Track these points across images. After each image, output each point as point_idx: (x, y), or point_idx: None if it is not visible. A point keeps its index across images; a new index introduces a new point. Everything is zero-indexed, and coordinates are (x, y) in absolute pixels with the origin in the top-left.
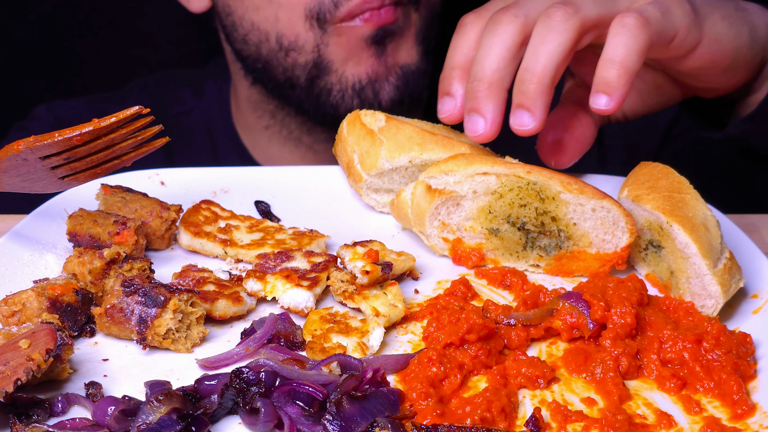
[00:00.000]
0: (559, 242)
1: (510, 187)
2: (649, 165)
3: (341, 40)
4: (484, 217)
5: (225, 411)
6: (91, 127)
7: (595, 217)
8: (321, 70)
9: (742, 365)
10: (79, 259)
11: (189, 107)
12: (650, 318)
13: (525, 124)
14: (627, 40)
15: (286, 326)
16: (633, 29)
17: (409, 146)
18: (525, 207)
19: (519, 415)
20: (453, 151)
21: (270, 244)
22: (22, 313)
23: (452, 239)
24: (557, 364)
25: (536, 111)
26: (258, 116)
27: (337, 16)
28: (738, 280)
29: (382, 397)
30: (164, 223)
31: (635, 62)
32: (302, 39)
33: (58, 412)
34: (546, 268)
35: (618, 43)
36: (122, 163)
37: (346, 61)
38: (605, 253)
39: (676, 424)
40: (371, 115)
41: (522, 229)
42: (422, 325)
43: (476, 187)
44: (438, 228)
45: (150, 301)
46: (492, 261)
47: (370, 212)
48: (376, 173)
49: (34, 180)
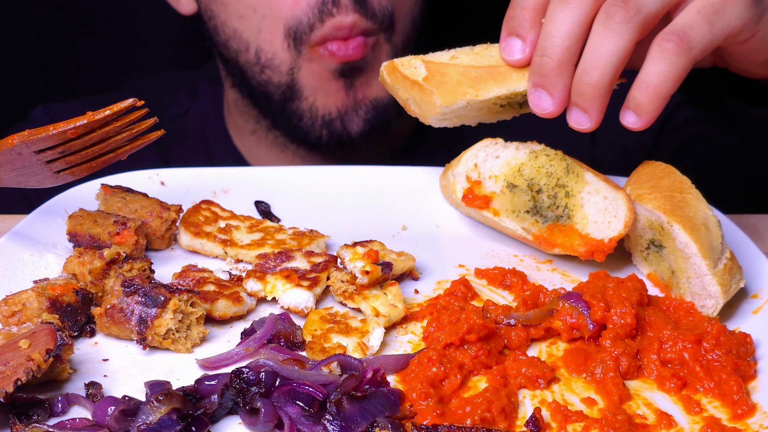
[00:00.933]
0: (558, 216)
1: (547, 152)
2: (651, 164)
3: (312, 66)
4: (513, 172)
5: (225, 411)
6: (85, 120)
7: (604, 203)
8: (294, 93)
9: (742, 365)
10: (79, 259)
11: (185, 109)
12: (650, 318)
13: (582, 123)
14: (663, 67)
15: (286, 326)
16: (672, 56)
17: (462, 90)
18: (549, 176)
19: (519, 415)
20: (506, 84)
21: (270, 244)
22: (22, 313)
23: (473, 180)
24: (557, 364)
25: (593, 113)
26: (245, 120)
27: (312, 38)
28: (738, 280)
29: (382, 397)
30: (164, 223)
31: (669, 89)
32: (278, 58)
33: (58, 412)
34: (534, 235)
35: (654, 69)
36: (117, 157)
37: (316, 90)
38: (593, 238)
39: (676, 424)
40: (408, 64)
41: (537, 194)
42: (422, 325)
43: (520, 145)
44: (469, 169)
45: (150, 301)
46: (493, 211)
47: (370, 212)
48: (438, 118)
49: (29, 174)
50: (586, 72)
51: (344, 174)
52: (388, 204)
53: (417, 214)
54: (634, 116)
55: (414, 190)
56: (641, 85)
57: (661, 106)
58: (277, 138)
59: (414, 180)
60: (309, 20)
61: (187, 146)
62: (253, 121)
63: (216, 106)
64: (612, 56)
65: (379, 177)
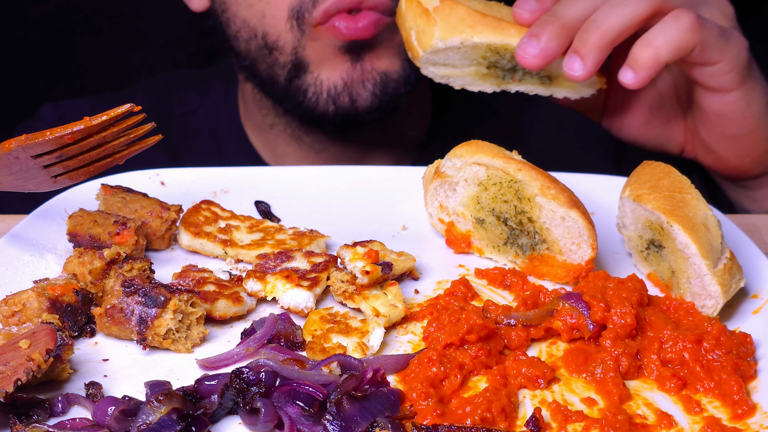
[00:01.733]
0: (533, 243)
1: (494, 181)
2: (651, 164)
3: (316, 45)
4: (473, 206)
5: (225, 411)
6: (82, 126)
7: (564, 225)
8: (299, 69)
9: (743, 365)
10: (79, 259)
11: (194, 107)
12: (650, 318)
13: (575, 69)
14: (671, 32)
15: (286, 326)
16: (682, 25)
17: (461, 28)
18: (506, 203)
19: (519, 415)
20: (502, 35)
21: (270, 245)
22: (22, 313)
23: (447, 222)
24: (557, 365)
25: (588, 61)
26: (264, 114)
27: (315, 17)
28: (738, 280)
29: (382, 397)
30: (164, 224)
31: (668, 53)
32: (282, 39)
33: (58, 412)
34: (521, 266)
35: (662, 30)
36: (115, 161)
37: (320, 64)
38: (571, 263)
39: (676, 424)
40: None
41: (505, 224)
42: (422, 325)
43: (467, 175)
44: (437, 209)
45: (150, 302)
46: (477, 250)
47: (370, 212)
48: (431, 51)
49: (27, 178)
50: (595, 21)
51: (344, 174)
52: (388, 204)
53: (417, 214)
54: (631, 73)
55: (414, 190)
56: (642, 43)
57: (656, 66)
58: (293, 131)
59: (414, 180)
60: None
61: (197, 144)
62: (272, 114)
63: (229, 104)
64: (624, 16)
65: (379, 177)
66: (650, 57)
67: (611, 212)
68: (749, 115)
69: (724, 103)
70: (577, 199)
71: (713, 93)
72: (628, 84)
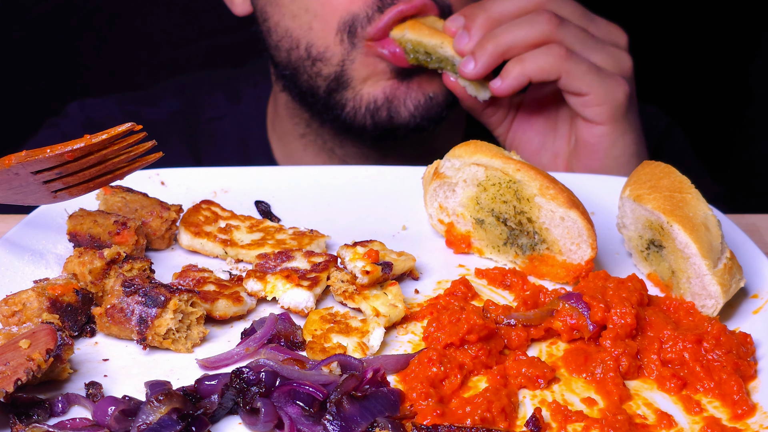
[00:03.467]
0: (533, 243)
1: (493, 181)
2: (651, 164)
3: (367, 60)
4: (473, 207)
5: (225, 411)
6: (83, 144)
7: (564, 225)
8: (340, 84)
9: (743, 365)
10: (79, 259)
11: (222, 113)
12: (650, 318)
13: (468, 68)
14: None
15: (286, 326)
16: (552, 54)
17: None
18: (506, 204)
19: (519, 415)
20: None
21: (270, 244)
22: (23, 313)
23: (447, 222)
24: (557, 365)
25: (480, 64)
26: (295, 123)
27: (369, 32)
28: (738, 279)
29: (383, 397)
30: (164, 223)
31: (533, 71)
32: (330, 51)
33: (59, 412)
34: (521, 266)
35: (535, 54)
36: (115, 178)
37: (365, 81)
38: (571, 263)
39: (676, 424)
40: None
41: (505, 224)
42: (422, 325)
43: (466, 176)
44: (437, 210)
45: (150, 301)
46: (477, 250)
47: (370, 212)
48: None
49: (26, 193)
50: (496, 36)
51: (344, 174)
52: (388, 204)
53: (417, 214)
54: (500, 81)
55: (414, 190)
56: (517, 60)
57: (520, 79)
58: (325, 143)
59: (414, 180)
60: (367, 14)
61: (222, 151)
62: (304, 124)
63: (259, 113)
64: (517, 37)
65: (379, 177)
66: (518, 71)
67: (611, 212)
68: (612, 155)
69: (591, 134)
70: (577, 199)
71: (585, 122)
72: (495, 89)
